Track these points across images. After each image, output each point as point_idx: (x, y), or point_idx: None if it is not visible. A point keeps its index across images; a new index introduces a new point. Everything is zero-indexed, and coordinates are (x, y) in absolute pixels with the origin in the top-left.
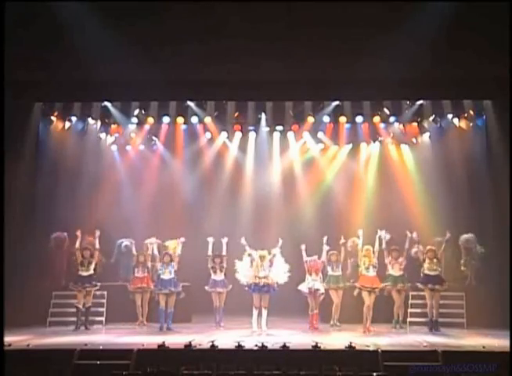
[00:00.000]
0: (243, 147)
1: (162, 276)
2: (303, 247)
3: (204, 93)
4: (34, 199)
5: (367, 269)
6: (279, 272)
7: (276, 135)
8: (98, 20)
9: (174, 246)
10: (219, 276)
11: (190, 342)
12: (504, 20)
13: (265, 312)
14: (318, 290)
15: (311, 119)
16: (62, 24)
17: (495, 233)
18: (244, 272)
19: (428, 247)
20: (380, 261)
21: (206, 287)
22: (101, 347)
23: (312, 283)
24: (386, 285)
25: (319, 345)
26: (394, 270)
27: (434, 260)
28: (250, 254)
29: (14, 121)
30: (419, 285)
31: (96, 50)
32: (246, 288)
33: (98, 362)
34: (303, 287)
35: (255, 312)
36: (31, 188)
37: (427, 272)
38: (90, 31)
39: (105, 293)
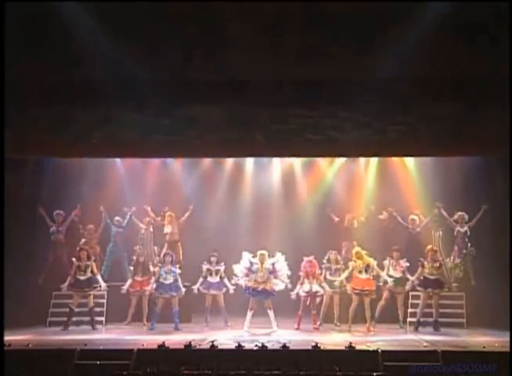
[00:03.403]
0: None
1: (163, 281)
2: None
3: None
4: (35, 199)
5: (360, 272)
6: (280, 278)
7: None
8: (98, 21)
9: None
10: (214, 279)
11: (190, 342)
12: (505, 20)
13: (271, 313)
14: (317, 292)
15: None
16: (63, 25)
17: (494, 233)
18: (242, 274)
19: (429, 247)
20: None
21: (199, 287)
22: (101, 347)
23: (309, 286)
24: (385, 286)
25: (318, 345)
26: (395, 272)
27: (436, 264)
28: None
29: None
30: (418, 288)
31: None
32: (243, 289)
33: (98, 362)
34: (300, 291)
35: (249, 314)
36: (32, 187)
37: (427, 276)
38: (91, 32)
39: (105, 293)
